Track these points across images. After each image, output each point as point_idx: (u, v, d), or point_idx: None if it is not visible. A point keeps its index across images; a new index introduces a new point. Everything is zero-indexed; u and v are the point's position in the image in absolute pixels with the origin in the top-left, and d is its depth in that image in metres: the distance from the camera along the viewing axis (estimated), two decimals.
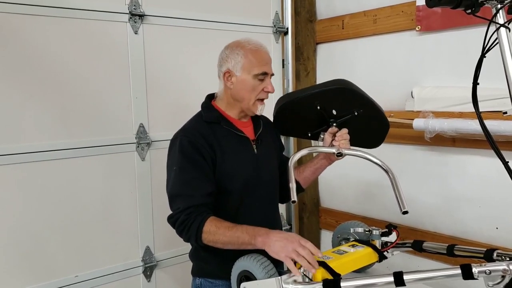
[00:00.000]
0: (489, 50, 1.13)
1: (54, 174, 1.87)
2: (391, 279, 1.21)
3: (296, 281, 1.30)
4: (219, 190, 1.54)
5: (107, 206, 2.03)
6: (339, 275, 1.33)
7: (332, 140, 1.63)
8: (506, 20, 1.12)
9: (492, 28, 1.12)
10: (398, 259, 1.69)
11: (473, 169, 2.07)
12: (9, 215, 1.77)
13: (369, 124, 1.66)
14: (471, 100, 1.17)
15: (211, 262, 1.61)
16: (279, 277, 1.29)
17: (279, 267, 1.42)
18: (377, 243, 1.59)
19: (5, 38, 1.73)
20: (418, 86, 2.22)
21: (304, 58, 2.82)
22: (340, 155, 1.59)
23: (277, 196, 1.75)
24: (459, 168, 2.12)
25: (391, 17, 2.36)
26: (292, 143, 2.71)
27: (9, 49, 1.74)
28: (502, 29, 1.11)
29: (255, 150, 1.62)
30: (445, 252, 1.51)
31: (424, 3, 1.15)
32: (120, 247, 2.08)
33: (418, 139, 2.18)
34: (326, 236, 2.87)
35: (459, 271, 1.17)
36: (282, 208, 2.73)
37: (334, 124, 1.64)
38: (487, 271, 1.15)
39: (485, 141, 1.22)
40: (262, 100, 1.60)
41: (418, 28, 2.22)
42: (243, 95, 1.57)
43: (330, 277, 1.32)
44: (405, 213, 1.53)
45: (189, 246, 1.67)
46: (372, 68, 2.48)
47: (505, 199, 1.94)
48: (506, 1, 1.10)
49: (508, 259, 1.28)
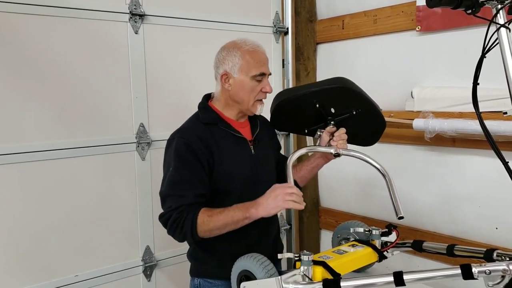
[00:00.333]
0: (489, 50, 1.13)
1: (54, 174, 1.87)
2: (391, 279, 1.22)
3: (296, 281, 1.30)
4: (217, 191, 1.54)
5: (107, 206, 2.03)
6: (339, 275, 1.34)
7: (330, 140, 1.64)
8: (507, 21, 1.12)
9: (492, 28, 1.12)
10: (398, 259, 1.70)
11: (473, 169, 2.07)
12: (9, 215, 1.77)
13: (366, 123, 1.66)
14: (471, 100, 1.17)
15: (210, 262, 1.61)
16: (279, 277, 1.29)
17: (277, 266, 1.42)
18: (377, 243, 1.60)
19: (5, 38, 1.73)
20: (418, 86, 2.22)
21: (304, 58, 2.82)
22: (338, 155, 1.59)
23: None
24: (459, 168, 2.12)
25: (391, 17, 2.36)
26: (292, 142, 2.71)
27: (9, 49, 1.74)
28: (503, 29, 1.11)
29: (253, 151, 1.62)
30: (445, 252, 1.51)
31: (424, 3, 1.15)
32: (120, 247, 2.08)
33: (418, 139, 2.18)
34: (326, 236, 2.87)
35: (459, 271, 1.17)
36: None
37: (332, 123, 1.64)
38: (487, 271, 1.15)
39: (485, 141, 1.22)
40: (261, 100, 1.60)
41: (418, 28, 2.22)
42: (242, 97, 1.56)
43: (330, 277, 1.32)
44: (401, 219, 1.55)
45: (188, 246, 1.67)
46: (372, 68, 2.48)
47: (505, 199, 1.94)
48: (507, 2, 1.11)
49: (508, 259, 1.29)
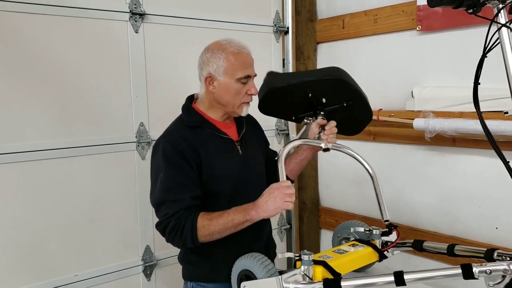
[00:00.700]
0: (490, 50, 1.13)
1: (54, 173, 1.87)
2: (392, 279, 1.22)
3: (297, 281, 1.30)
4: (208, 194, 1.52)
5: (107, 205, 2.03)
6: (340, 275, 1.34)
7: (320, 132, 1.60)
8: (508, 20, 1.12)
9: (494, 28, 1.12)
10: (397, 259, 1.70)
11: (473, 169, 2.07)
12: (9, 214, 1.77)
13: (354, 114, 1.65)
14: (472, 100, 1.17)
15: (203, 266, 1.58)
16: (280, 276, 1.29)
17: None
18: (377, 243, 1.60)
19: (5, 37, 1.73)
20: (419, 86, 2.22)
21: (305, 58, 2.82)
22: (328, 150, 1.57)
23: None
24: (459, 168, 2.12)
25: (392, 17, 2.36)
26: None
27: (9, 48, 1.74)
28: (504, 29, 1.11)
29: (240, 151, 1.59)
30: (446, 252, 1.52)
31: (425, 3, 1.15)
32: (120, 246, 2.08)
33: (418, 139, 2.18)
34: (326, 236, 2.87)
35: (460, 271, 1.17)
36: None
37: (322, 113, 1.61)
38: (488, 271, 1.15)
39: (485, 141, 1.22)
40: (247, 102, 1.56)
41: (419, 28, 2.22)
42: (227, 100, 1.53)
43: (331, 277, 1.32)
44: (387, 222, 1.58)
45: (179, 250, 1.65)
46: (373, 68, 2.48)
47: (505, 199, 1.94)
48: (508, 1, 1.11)
49: (509, 259, 1.29)
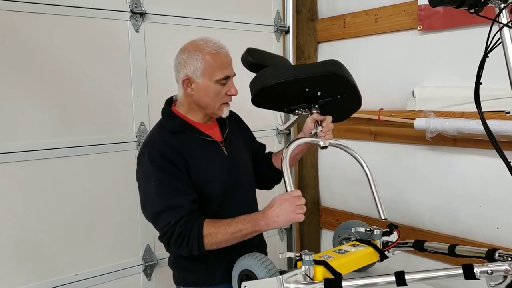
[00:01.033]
0: (492, 50, 1.12)
1: (55, 172, 1.87)
2: (393, 279, 1.22)
3: (298, 281, 1.30)
4: (198, 198, 1.48)
5: (108, 205, 2.03)
6: (340, 275, 1.34)
7: (316, 127, 1.56)
8: (510, 20, 1.12)
9: (495, 28, 1.12)
10: (398, 259, 1.69)
11: (474, 169, 2.07)
12: (10, 214, 1.77)
13: (345, 104, 1.64)
14: (473, 100, 1.16)
15: (197, 271, 1.55)
16: (280, 276, 1.29)
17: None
18: (378, 243, 1.60)
19: (6, 36, 1.72)
20: (420, 86, 2.21)
21: (305, 57, 2.82)
22: (325, 147, 1.55)
23: (255, 195, 1.71)
24: (460, 168, 2.12)
25: (393, 16, 2.36)
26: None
27: (10, 47, 1.74)
28: (505, 29, 1.11)
29: (225, 152, 1.57)
30: (447, 252, 1.51)
31: (426, 3, 1.15)
32: (121, 246, 2.08)
33: (419, 139, 2.18)
34: (327, 236, 2.86)
35: (461, 271, 1.17)
36: None
37: (316, 106, 1.60)
38: (489, 271, 1.15)
39: (486, 141, 1.22)
40: (227, 103, 1.54)
41: (420, 28, 2.21)
42: (207, 102, 1.50)
43: (331, 277, 1.32)
44: (385, 220, 1.58)
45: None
46: (373, 68, 2.47)
47: (506, 199, 1.94)
48: (510, 1, 1.10)
49: (510, 259, 1.28)
